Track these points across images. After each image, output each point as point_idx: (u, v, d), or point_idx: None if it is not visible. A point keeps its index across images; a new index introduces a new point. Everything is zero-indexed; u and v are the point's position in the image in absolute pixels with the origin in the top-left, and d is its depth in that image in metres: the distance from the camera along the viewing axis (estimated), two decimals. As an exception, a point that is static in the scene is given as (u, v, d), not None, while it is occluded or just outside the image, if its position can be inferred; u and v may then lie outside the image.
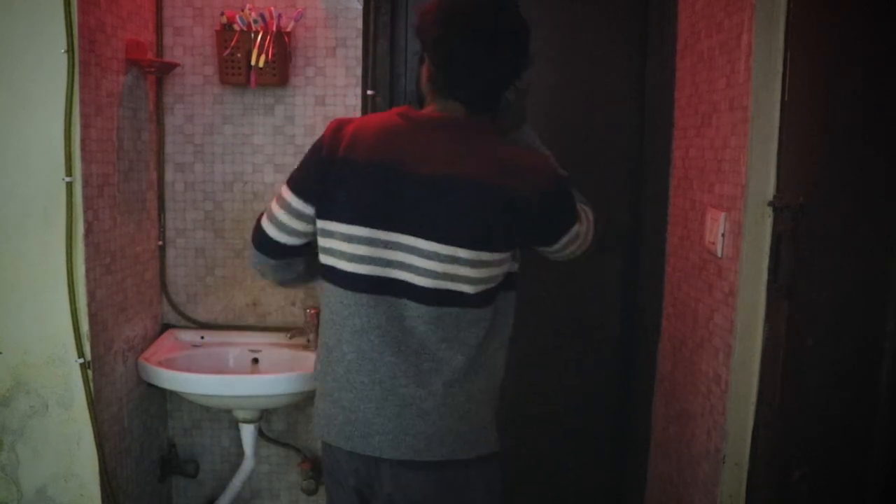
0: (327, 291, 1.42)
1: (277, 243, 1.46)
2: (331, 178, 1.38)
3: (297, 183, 1.43)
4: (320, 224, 1.40)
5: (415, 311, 1.36)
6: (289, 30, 2.12)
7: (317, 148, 1.42)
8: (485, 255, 1.34)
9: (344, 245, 1.37)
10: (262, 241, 1.48)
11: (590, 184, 2.39)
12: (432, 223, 1.33)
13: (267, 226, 1.46)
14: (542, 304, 2.41)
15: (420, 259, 1.34)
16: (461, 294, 1.35)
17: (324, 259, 1.41)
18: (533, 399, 2.62)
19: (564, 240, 1.45)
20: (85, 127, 1.72)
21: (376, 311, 1.37)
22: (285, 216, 1.44)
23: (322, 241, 1.41)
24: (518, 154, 1.41)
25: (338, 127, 1.41)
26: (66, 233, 1.70)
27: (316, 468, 2.32)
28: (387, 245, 1.35)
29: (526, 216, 1.36)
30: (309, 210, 1.41)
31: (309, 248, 1.48)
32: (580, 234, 1.48)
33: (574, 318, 2.44)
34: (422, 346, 1.37)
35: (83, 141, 1.71)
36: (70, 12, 1.64)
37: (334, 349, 1.42)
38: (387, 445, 1.39)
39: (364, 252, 1.36)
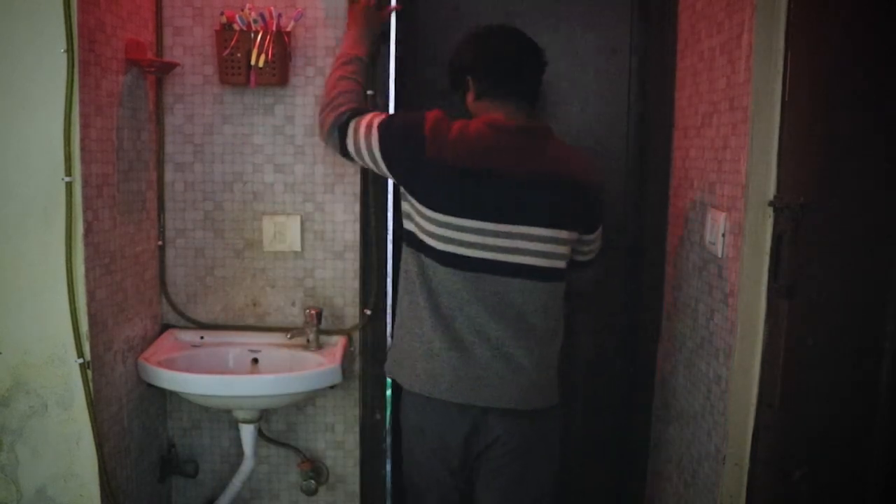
0: (434, 268, 1.69)
1: (347, 152, 1.78)
2: (429, 173, 1.66)
3: (387, 144, 1.70)
4: (429, 213, 1.68)
5: (517, 286, 1.67)
6: (289, 30, 2.12)
7: (418, 136, 1.67)
8: (574, 235, 1.73)
9: (452, 232, 1.66)
10: (337, 138, 1.78)
11: (590, 184, 2.40)
12: (536, 212, 1.66)
13: (349, 139, 1.75)
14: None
15: (526, 242, 1.66)
16: (558, 269, 1.72)
17: (431, 242, 1.69)
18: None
19: (599, 230, 1.85)
20: (84, 127, 1.72)
21: (478, 286, 1.66)
22: (364, 151, 1.74)
23: (431, 228, 1.68)
24: (581, 153, 1.80)
25: (442, 125, 1.69)
26: (66, 233, 1.70)
27: (315, 468, 2.32)
28: (496, 234, 1.66)
29: (595, 203, 1.78)
30: (382, 169, 1.73)
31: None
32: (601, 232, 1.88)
33: (574, 318, 2.44)
34: (519, 314, 1.68)
35: (83, 141, 1.71)
36: (70, 12, 1.64)
37: (445, 316, 1.68)
38: (495, 396, 1.68)
39: (474, 239, 1.66)
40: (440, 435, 1.75)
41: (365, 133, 1.73)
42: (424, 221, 1.69)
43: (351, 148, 1.76)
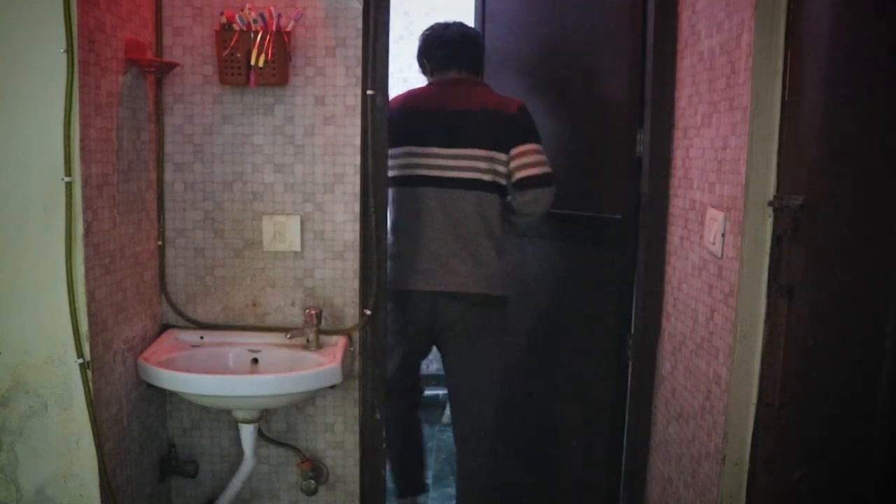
0: (393, 193, 2.32)
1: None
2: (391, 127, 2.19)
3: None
4: (390, 153, 2.19)
5: (452, 195, 2.24)
6: (288, 29, 2.12)
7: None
8: (497, 154, 2.29)
9: (397, 160, 2.30)
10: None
11: (590, 183, 2.40)
12: (457, 136, 2.27)
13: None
14: (541, 303, 2.41)
15: (449, 160, 2.26)
16: (480, 181, 2.27)
17: (390, 174, 2.25)
18: (533, 399, 2.62)
19: (532, 146, 2.30)
20: (84, 127, 1.72)
21: (426, 197, 2.27)
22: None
23: (389, 163, 2.20)
24: (499, 95, 2.39)
25: (399, 95, 2.46)
26: (66, 233, 1.70)
27: (315, 468, 2.31)
28: (422, 155, 2.30)
29: (511, 123, 2.31)
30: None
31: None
32: (541, 153, 2.32)
33: (574, 317, 2.44)
34: (457, 219, 2.23)
35: (82, 141, 1.71)
36: (69, 12, 1.64)
37: (409, 223, 2.28)
38: (440, 282, 2.24)
39: (406, 161, 2.31)
40: (406, 318, 2.30)
41: None
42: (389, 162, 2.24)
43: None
